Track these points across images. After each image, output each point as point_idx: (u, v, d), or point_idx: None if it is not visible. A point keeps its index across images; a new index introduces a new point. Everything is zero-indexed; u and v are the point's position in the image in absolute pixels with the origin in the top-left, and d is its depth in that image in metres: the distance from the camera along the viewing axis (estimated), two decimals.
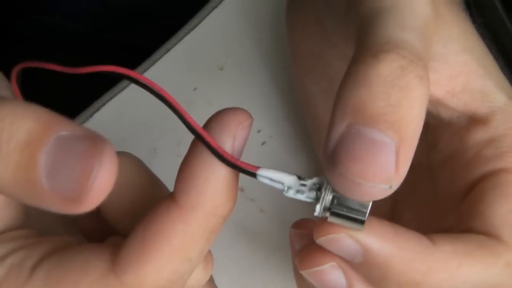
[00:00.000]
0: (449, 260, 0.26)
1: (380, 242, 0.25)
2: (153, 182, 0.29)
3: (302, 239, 0.29)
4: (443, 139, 0.30)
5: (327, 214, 0.25)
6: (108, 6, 0.51)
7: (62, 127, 0.23)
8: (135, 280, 0.25)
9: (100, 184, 0.23)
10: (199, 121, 0.27)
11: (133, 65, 0.44)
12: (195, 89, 0.43)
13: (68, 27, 0.52)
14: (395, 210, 0.34)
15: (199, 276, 0.28)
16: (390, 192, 0.24)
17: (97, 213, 0.30)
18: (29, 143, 0.22)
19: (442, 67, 0.28)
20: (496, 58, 0.43)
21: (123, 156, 0.29)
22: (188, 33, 0.45)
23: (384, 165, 0.23)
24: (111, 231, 0.29)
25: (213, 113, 0.26)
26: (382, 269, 0.26)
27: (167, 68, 0.44)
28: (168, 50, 0.44)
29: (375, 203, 0.25)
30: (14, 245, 0.27)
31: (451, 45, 0.28)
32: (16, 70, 0.25)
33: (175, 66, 0.44)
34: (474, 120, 0.29)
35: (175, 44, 0.44)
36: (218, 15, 0.45)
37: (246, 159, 0.26)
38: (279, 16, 0.45)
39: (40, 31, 0.52)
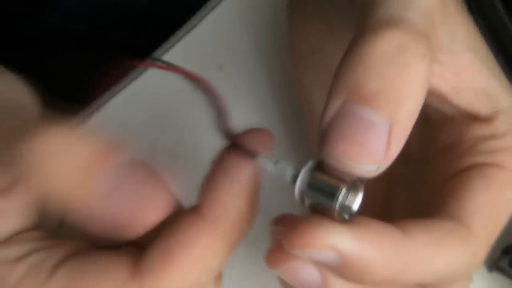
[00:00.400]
0: (422, 253, 0.25)
1: (358, 247, 0.24)
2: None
3: (281, 235, 0.29)
4: (442, 133, 0.30)
5: (305, 197, 0.25)
6: (108, 6, 0.51)
7: (119, 155, 0.24)
8: (156, 287, 0.26)
9: (151, 215, 0.24)
10: (199, 121, 0.27)
11: (133, 65, 0.44)
12: (195, 89, 0.43)
13: (68, 27, 0.52)
14: (387, 202, 0.33)
15: None
16: (376, 173, 0.23)
17: None
18: (90, 165, 0.24)
19: (448, 61, 0.28)
20: (496, 58, 0.43)
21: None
22: (187, 33, 0.45)
23: (372, 147, 0.22)
24: (117, 239, 0.30)
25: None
26: (359, 271, 0.25)
27: None
28: (168, 50, 0.44)
29: (367, 193, 0.25)
30: (34, 245, 0.27)
31: (457, 42, 0.28)
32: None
33: None
34: (477, 118, 0.29)
35: (175, 44, 0.44)
36: (217, 15, 0.45)
37: None
38: (278, 16, 0.45)
39: (40, 31, 0.51)
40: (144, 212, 0.25)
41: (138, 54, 0.45)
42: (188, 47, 0.44)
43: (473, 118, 0.29)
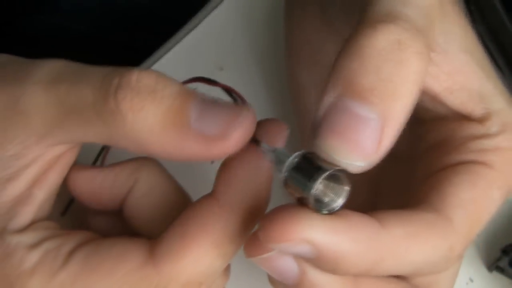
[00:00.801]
0: (398, 245, 0.25)
1: (333, 240, 0.24)
2: (176, 187, 0.30)
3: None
4: (433, 131, 0.30)
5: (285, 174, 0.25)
6: (108, 6, 0.51)
7: (203, 95, 0.26)
8: (173, 270, 0.26)
9: (242, 130, 0.25)
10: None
11: (133, 65, 0.44)
12: (195, 89, 0.43)
13: (69, 27, 0.52)
14: (372, 199, 0.33)
15: (219, 282, 0.30)
16: (365, 169, 0.23)
17: (111, 216, 0.31)
18: (181, 94, 0.25)
19: (443, 61, 0.28)
20: (496, 58, 0.43)
21: (149, 161, 0.30)
22: (188, 33, 0.45)
23: (363, 143, 0.22)
24: (124, 231, 0.30)
25: None
26: (334, 262, 0.25)
27: (167, 68, 0.44)
28: (168, 50, 0.44)
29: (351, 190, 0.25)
30: (49, 232, 0.28)
31: (453, 42, 0.28)
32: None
33: (175, 66, 0.44)
34: (469, 118, 0.29)
35: (175, 44, 0.44)
36: (217, 16, 0.45)
37: None
38: (278, 16, 0.45)
39: (40, 31, 0.51)
40: (235, 126, 0.25)
41: (138, 54, 0.45)
42: (188, 47, 0.44)
43: (465, 118, 0.29)
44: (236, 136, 0.25)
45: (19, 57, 0.30)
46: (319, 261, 0.25)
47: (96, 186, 0.30)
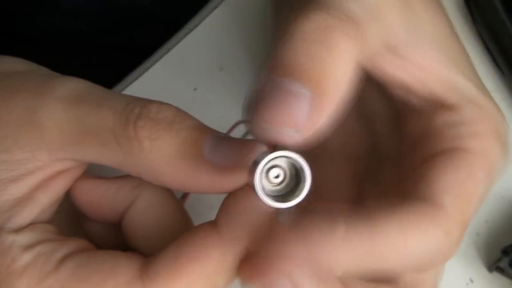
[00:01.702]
0: (397, 241, 0.26)
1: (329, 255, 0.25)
2: (177, 207, 0.30)
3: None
4: (412, 125, 0.30)
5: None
6: (108, 6, 0.51)
7: (217, 132, 0.27)
8: None
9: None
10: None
11: (133, 65, 0.44)
12: (195, 89, 0.43)
13: (69, 27, 0.52)
14: (359, 199, 0.33)
15: None
16: (299, 139, 0.23)
17: (108, 224, 0.31)
18: (197, 128, 0.27)
19: (411, 55, 0.28)
20: (496, 58, 0.43)
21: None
22: (188, 33, 0.45)
23: (294, 114, 0.23)
24: (119, 243, 0.30)
25: (212, 113, 0.27)
26: (330, 274, 0.25)
27: (167, 68, 0.44)
28: (168, 50, 0.44)
29: (338, 191, 0.24)
30: (45, 236, 0.28)
31: (422, 38, 0.29)
32: None
33: (175, 66, 0.44)
34: (443, 106, 0.29)
35: (175, 44, 0.44)
36: (218, 16, 0.45)
37: None
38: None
39: (40, 31, 0.52)
40: (246, 160, 0.26)
41: (138, 54, 0.45)
42: (189, 48, 0.45)
43: (440, 107, 0.29)
44: (242, 169, 0.26)
45: (38, 65, 0.31)
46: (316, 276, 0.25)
47: (97, 197, 0.30)
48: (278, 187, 0.25)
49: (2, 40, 0.50)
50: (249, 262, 0.26)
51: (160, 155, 0.26)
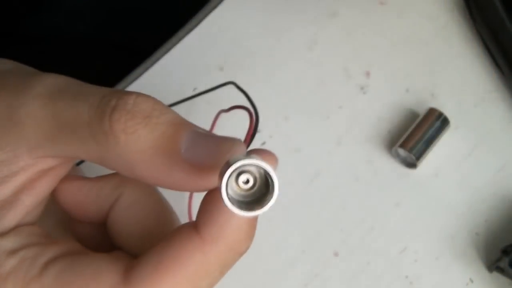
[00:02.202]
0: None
1: None
2: (161, 204, 0.30)
3: None
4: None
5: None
6: (108, 6, 0.51)
7: (196, 127, 0.26)
8: None
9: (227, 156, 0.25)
10: (199, 120, 0.27)
11: (133, 65, 0.44)
12: (195, 89, 0.43)
13: (69, 27, 0.52)
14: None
15: None
16: None
17: (96, 224, 0.31)
18: (175, 123, 0.26)
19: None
20: (496, 58, 0.43)
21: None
22: (188, 33, 0.45)
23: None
24: (108, 243, 0.30)
25: (212, 112, 0.27)
26: None
27: (167, 68, 0.44)
28: (168, 50, 0.44)
29: None
30: (29, 240, 0.28)
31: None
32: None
33: (175, 66, 0.44)
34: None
35: (175, 44, 0.44)
36: (217, 16, 0.45)
37: None
38: (277, 16, 0.45)
39: (41, 31, 0.52)
40: (224, 160, 0.25)
41: (138, 54, 0.45)
42: (189, 47, 0.45)
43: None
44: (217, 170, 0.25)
45: (24, 65, 0.30)
46: None
47: (81, 197, 0.30)
48: (246, 193, 0.25)
49: (2, 40, 0.50)
50: None
51: (135, 151, 0.25)
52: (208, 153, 0.25)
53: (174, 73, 0.44)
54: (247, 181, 0.24)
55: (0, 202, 0.27)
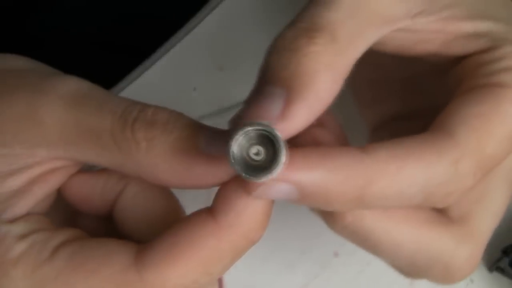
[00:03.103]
0: (385, 166, 0.26)
1: (309, 173, 0.25)
2: (165, 193, 0.30)
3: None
4: (451, 78, 0.30)
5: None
6: (108, 6, 0.51)
7: (212, 127, 0.28)
8: (156, 280, 0.26)
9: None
10: (198, 121, 0.27)
11: (133, 65, 0.44)
12: (195, 89, 0.43)
13: (69, 27, 0.52)
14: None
15: None
16: (283, 135, 0.25)
17: (101, 218, 0.31)
18: (191, 125, 0.27)
19: (421, 27, 0.29)
20: None
21: None
22: (188, 33, 0.45)
23: (265, 108, 0.25)
24: (114, 237, 0.30)
25: (212, 112, 0.27)
26: (320, 196, 0.25)
27: (167, 68, 0.44)
28: (168, 50, 0.44)
29: None
30: (39, 225, 0.28)
31: (426, 9, 0.29)
32: None
33: (175, 66, 0.44)
34: (475, 53, 0.29)
35: (175, 44, 0.44)
36: (217, 16, 0.45)
37: None
38: (277, 16, 0.45)
39: (41, 30, 0.52)
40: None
41: (138, 54, 0.45)
42: (189, 47, 0.45)
43: (471, 55, 0.29)
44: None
45: (43, 64, 0.31)
46: (306, 199, 0.26)
47: (87, 190, 0.30)
48: (257, 164, 0.25)
49: (2, 39, 0.50)
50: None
51: (156, 153, 0.27)
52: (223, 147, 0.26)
53: (174, 73, 0.44)
54: (258, 153, 0.25)
55: (12, 192, 0.28)
